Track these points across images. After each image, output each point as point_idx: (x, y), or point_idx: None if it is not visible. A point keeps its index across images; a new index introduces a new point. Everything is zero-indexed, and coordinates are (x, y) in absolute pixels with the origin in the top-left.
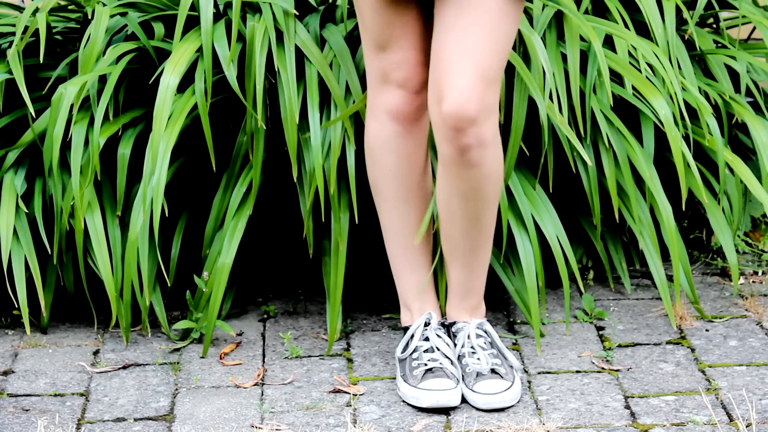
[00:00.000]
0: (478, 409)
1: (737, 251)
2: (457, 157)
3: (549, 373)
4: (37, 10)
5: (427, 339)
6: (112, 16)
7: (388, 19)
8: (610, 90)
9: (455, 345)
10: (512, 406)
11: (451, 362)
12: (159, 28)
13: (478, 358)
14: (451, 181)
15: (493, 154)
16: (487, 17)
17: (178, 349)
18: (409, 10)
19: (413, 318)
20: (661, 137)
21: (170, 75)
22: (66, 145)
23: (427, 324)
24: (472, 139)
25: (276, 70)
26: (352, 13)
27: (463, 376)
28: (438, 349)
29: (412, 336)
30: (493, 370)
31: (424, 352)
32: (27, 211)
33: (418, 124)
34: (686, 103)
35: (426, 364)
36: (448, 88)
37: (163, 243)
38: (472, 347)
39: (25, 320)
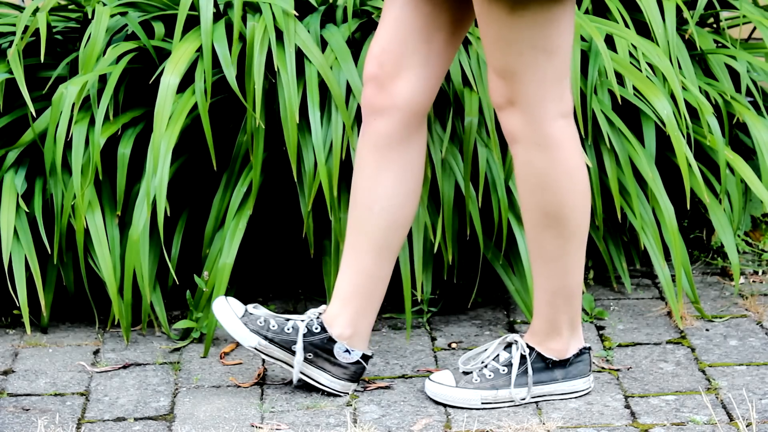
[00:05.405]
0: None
1: (737, 251)
2: None
3: None
4: (37, 9)
5: None
6: (112, 16)
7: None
8: (614, 90)
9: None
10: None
11: None
12: (159, 28)
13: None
14: None
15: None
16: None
17: (178, 349)
18: None
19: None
20: (659, 136)
21: (171, 75)
22: (66, 144)
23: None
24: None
25: (276, 69)
26: (354, 14)
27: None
28: None
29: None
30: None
31: None
32: (27, 211)
33: None
34: (687, 103)
35: None
36: None
37: (163, 242)
38: None
39: (26, 320)
